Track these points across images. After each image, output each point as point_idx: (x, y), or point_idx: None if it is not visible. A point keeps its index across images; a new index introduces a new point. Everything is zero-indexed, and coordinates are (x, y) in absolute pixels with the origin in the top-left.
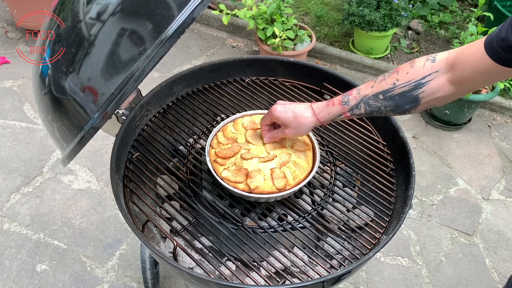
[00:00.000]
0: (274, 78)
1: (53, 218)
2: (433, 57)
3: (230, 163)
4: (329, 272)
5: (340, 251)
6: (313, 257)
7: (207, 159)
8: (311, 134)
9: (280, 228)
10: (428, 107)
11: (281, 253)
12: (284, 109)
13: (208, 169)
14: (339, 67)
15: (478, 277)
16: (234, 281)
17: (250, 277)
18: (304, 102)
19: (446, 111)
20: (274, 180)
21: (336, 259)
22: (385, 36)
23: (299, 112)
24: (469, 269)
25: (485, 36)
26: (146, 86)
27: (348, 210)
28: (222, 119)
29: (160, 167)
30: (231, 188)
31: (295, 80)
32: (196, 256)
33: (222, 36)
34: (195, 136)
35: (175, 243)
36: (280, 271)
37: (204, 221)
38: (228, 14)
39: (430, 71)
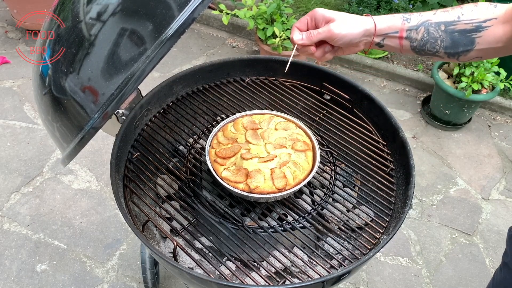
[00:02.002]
0: (274, 78)
1: (53, 218)
2: (494, 4)
3: (230, 163)
4: (329, 272)
5: (340, 251)
6: (313, 257)
7: (207, 159)
8: (311, 134)
9: (280, 228)
10: (477, 57)
11: (281, 253)
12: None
13: (208, 169)
14: (339, 67)
15: (478, 277)
16: (234, 281)
17: (250, 277)
18: (304, 101)
19: (446, 111)
20: (274, 180)
21: (336, 259)
22: None
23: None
24: (469, 269)
25: None
26: (146, 86)
27: (348, 210)
28: (222, 119)
29: (160, 167)
30: (231, 188)
31: (295, 80)
32: (196, 256)
33: (222, 36)
34: (195, 136)
35: (175, 243)
36: (280, 271)
37: (204, 221)
38: (228, 14)
39: (492, 15)
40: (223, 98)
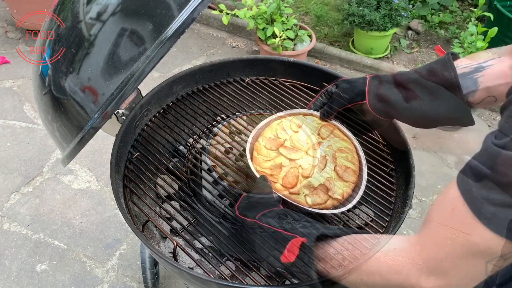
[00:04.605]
0: (274, 78)
1: (53, 218)
2: (496, 49)
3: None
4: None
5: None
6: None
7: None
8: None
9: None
10: (489, 96)
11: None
12: None
13: (208, 169)
14: (339, 67)
15: None
16: (234, 281)
17: (250, 277)
18: (304, 101)
19: None
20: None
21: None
22: (385, 36)
23: None
24: None
25: None
26: (146, 86)
27: (348, 210)
28: (222, 119)
29: (160, 167)
30: (294, 203)
31: (295, 80)
32: (196, 256)
33: (222, 36)
34: (195, 136)
35: (175, 243)
36: (280, 271)
37: (204, 221)
38: (228, 14)
39: (492, 56)
40: (223, 98)
